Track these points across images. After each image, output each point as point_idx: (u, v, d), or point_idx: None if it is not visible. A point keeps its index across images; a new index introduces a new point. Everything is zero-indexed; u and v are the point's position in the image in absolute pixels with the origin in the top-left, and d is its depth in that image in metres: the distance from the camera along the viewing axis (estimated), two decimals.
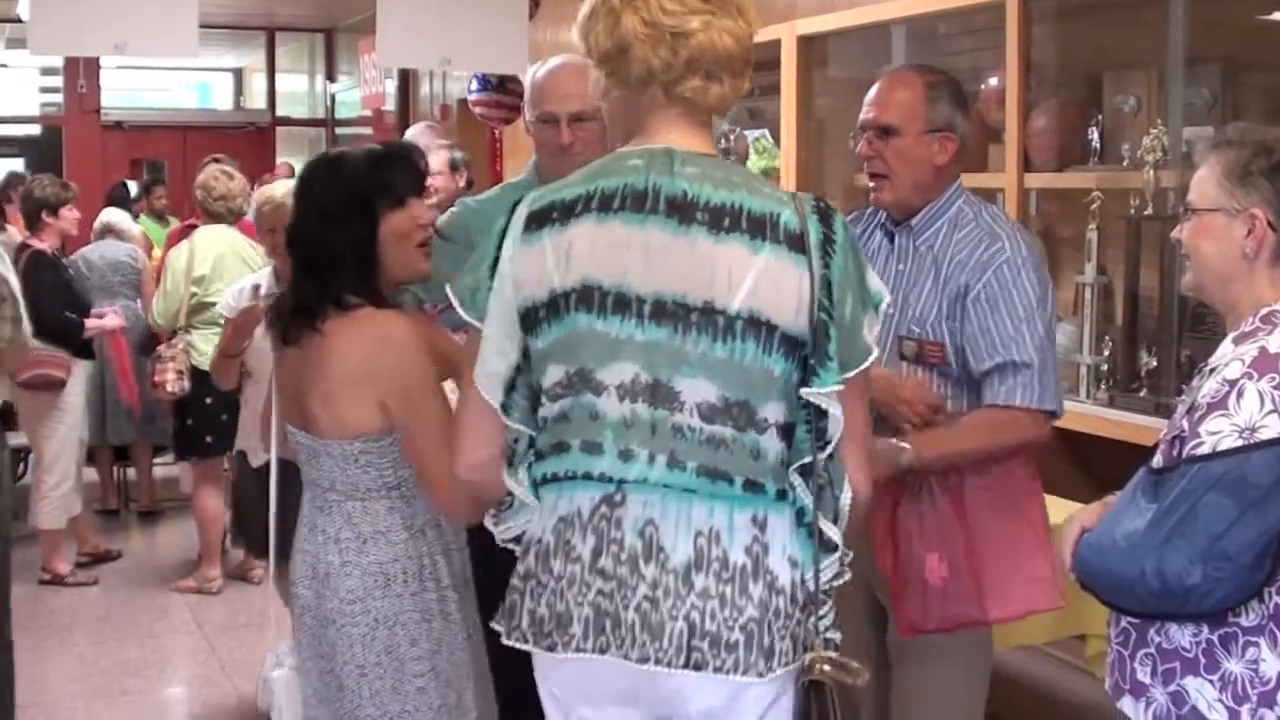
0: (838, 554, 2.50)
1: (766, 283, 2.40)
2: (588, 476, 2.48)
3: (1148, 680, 2.58)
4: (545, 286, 2.46)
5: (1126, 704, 2.65)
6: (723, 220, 2.42)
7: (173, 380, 6.94)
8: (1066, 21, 5.48)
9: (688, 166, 2.46)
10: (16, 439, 8.12)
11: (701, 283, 2.41)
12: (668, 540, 2.43)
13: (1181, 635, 2.52)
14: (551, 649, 2.50)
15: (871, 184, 3.55)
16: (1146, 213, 4.70)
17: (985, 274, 3.36)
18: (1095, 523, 2.65)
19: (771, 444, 2.45)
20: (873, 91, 3.57)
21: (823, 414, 2.44)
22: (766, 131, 7.02)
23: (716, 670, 2.41)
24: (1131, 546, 2.46)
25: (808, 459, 2.45)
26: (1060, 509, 3.70)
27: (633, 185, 2.45)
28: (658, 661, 2.42)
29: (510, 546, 2.64)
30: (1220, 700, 2.47)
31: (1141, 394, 4.73)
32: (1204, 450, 2.42)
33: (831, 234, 2.44)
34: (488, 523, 2.67)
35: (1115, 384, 4.84)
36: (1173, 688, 2.53)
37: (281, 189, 4.81)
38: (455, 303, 2.56)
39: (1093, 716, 4.65)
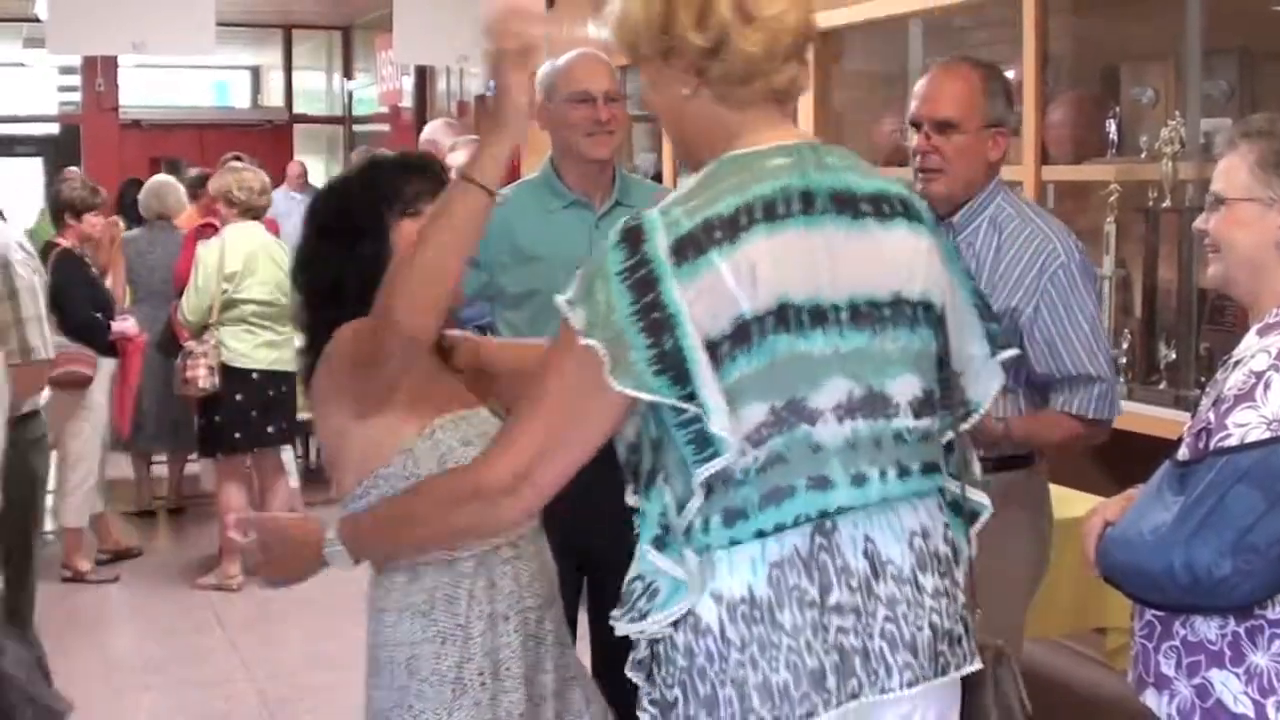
0: (979, 522, 2.47)
1: (928, 263, 2.31)
2: (810, 519, 2.18)
3: (1172, 673, 2.57)
4: (728, 316, 2.12)
5: (1150, 697, 2.64)
6: (883, 206, 2.28)
7: (204, 376, 6.99)
8: (1083, 14, 5.49)
9: (830, 158, 2.28)
10: None
11: (886, 274, 2.26)
12: (890, 551, 2.23)
13: (1207, 628, 2.51)
14: (812, 715, 2.16)
15: (921, 176, 3.50)
16: (1165, 205, 4.71)
17: (1040, 285, 3.38)
18: (1118, 516, 2.64)
19: (940, 424, 2.37)
20: (925, 84, 3.53)
21: (951, 387, 2.40)
22: None
23: (956, 669, 2.29)
24: (1159, 540, 2.45)
25: (950, 434, 2.40)
26: (1079, 502, 3.71)
27: (793, 186, 2.20)
28: (914, 682, 2.21)
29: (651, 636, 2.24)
30: (1246, 693, 2.46)
31: (1160, 386, 4.74)
32: (1231, 442, 2.40)
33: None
34: (624, 625, 2.24)
35: (1134, 377, 4.85)
36: (1197, 680, 2.52)
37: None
38: (605, 364, 2.11)
39: (1112, 710, 4.66)
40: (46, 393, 4.39)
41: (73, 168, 10.87)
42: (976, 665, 2.33)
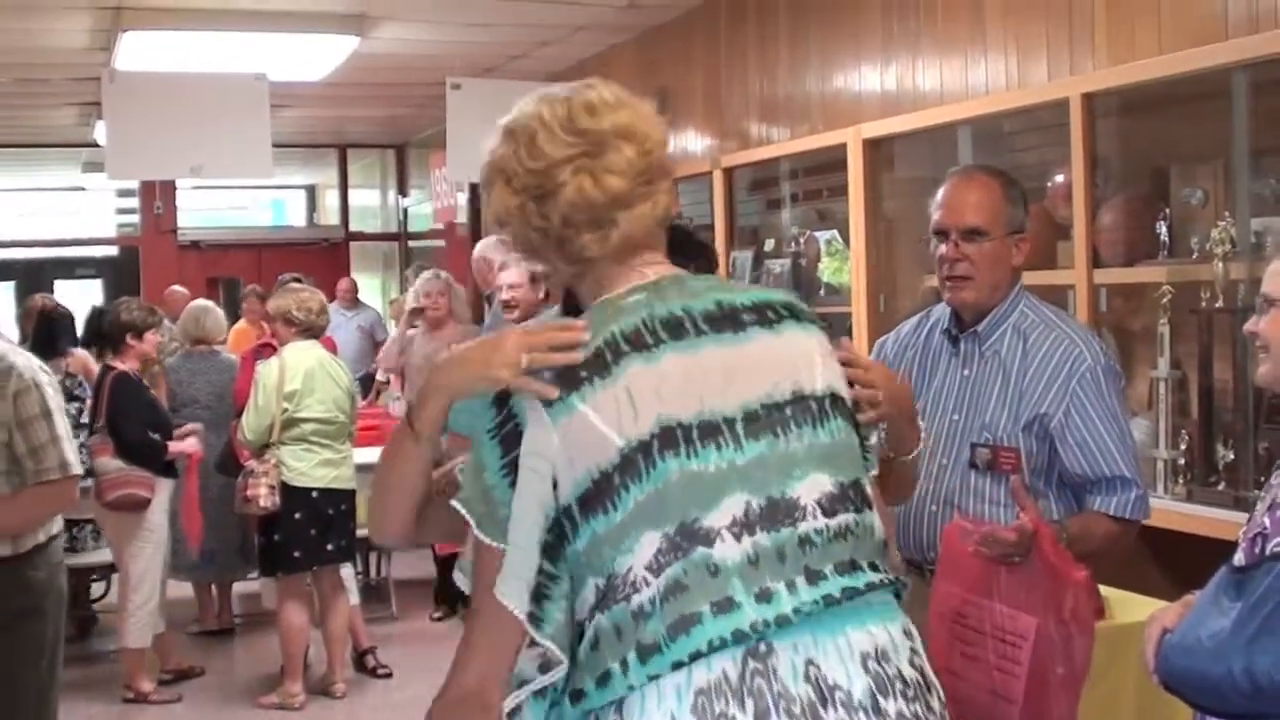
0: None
1: (826, 357, 2.31)
2: (725, 643, 2.05)
3: None
4: (611, 448, 2.12)
5: None
6: (767, 313, 2.28)
7: (265, 495, 7.02)
8: (1131, 116, 5.50)
9: (694, 284, 2.30)
10: (99, 555, 8.23)
11: (784, 374, 2.23)
12: (837, 675, 2.07)
13: None
14: None
15: (949, 284, 3.54)
16: (1218, 305, 4.69)
17: (1069, 389, 3.39)
18: (1177, 622, 2.62)
19: (877, 520, 2.28)
20: (946, 193, 3.56)
21: None
22: (837, 233, 7.06)
23: None
24: (1218, 646, 2.43)
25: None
26: (1139, 606, 3.67)
27: (657, 316, 2.22)
28: None
29: None
30: None
31: (1219, 488, 4.69)
32: None
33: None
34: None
35: (1193, 478, 4.81)
36: None
37: None
38: (471, 523, 2.20)
39: None
40: (60, 523, 4.41)
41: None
42: None
